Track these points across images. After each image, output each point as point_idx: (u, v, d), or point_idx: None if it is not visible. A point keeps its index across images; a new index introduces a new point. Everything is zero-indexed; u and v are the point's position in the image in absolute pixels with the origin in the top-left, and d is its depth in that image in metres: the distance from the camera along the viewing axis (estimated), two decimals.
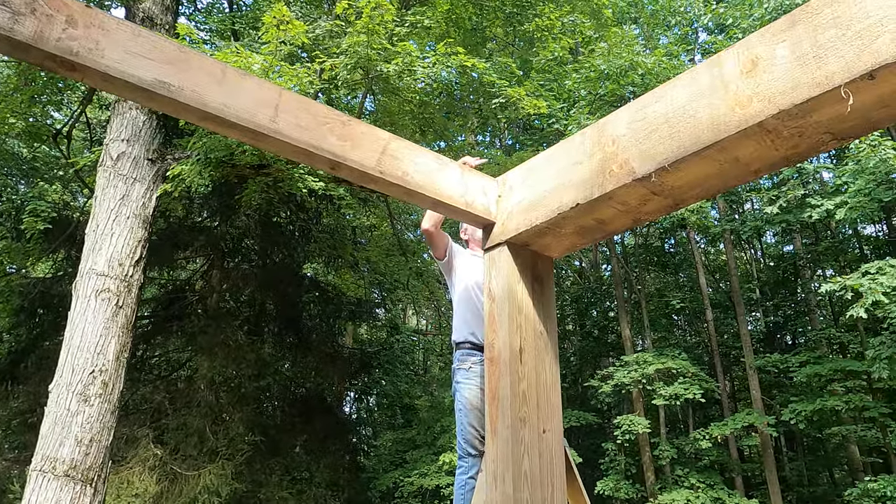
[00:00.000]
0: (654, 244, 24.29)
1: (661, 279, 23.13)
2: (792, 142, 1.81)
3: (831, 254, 18.47)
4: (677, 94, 1.97)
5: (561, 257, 3.08)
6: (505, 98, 7.98)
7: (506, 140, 22.39)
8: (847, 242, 20.50)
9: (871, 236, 22.23)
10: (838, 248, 19.16)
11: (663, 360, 13.68)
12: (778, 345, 22.28)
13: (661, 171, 1.95)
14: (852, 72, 1.56)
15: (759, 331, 24.07)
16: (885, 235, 21.04)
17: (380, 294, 16.25)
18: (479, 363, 3.04)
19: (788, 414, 12.86)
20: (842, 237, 19.91)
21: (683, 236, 22.91)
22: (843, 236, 19.84)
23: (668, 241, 25.41)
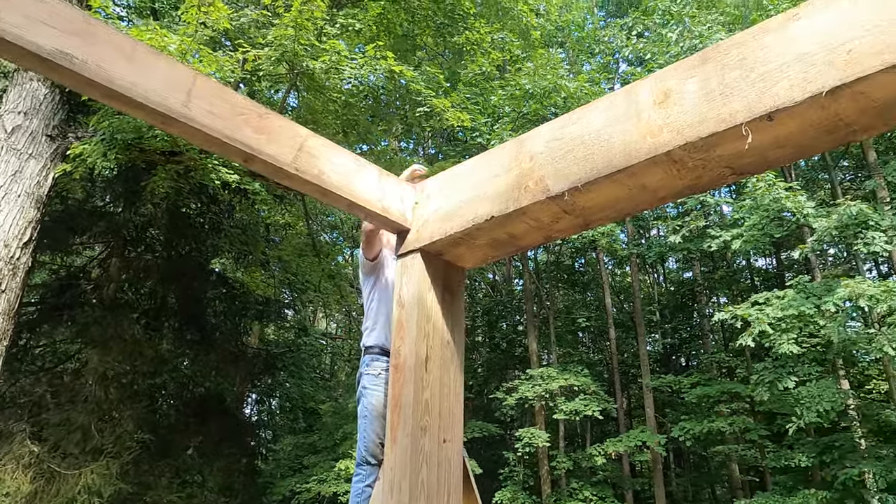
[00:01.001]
0: (566, 262, 25.00)
1: (569, 297, 23.83)
2: (696, 173, 1.88)
3: (726, 282, 19.65)
4: (594, 117, 2.02)
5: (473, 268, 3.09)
6: (430, 108, 8.01)
7: (429, 149, 22.48)
8: (740, 273, 21.86)
9: (762, 268, 23.79)
10: (732, 278, 20.42)
11: (566, 376, 14.08)
12: (673, 366, 23.41)
13: (573, 191, 1.99)
14: (753, 112, 1.65)
15: (657, 351, 25.21)
16: (773, 268, 22.55)
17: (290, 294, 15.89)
18: (386, 370, 3.00)
19: (678, 432, 13.52)
20: (736, 267, 21.20)
21: (593, 256, 23.72)
22: (737, 266, 21.14)
23: (578, 261, 26.22)
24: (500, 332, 23.81)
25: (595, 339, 26.25)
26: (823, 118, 1.61)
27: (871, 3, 1.52)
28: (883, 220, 10.05)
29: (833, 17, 1.58)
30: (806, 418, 10.25)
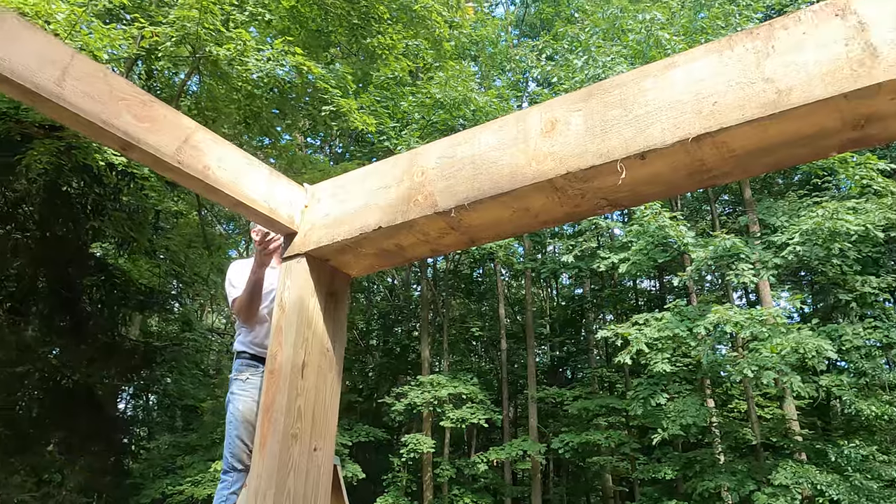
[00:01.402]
0: (464, 271, 25.38)
1: (465, 306, 24.20)
2: (575, 201, 1.97)
3: (612, 301, 20.64)
4: (486, 138, 2.08)
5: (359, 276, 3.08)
6: (336, 107, 7.92)
7: (336, 148, 22.20)
8: (627, 293, 23.05)
9: (647, 290, 25.19)
10: (618, 297, 21.47)
11: (456, 384, 14.28)
12: (560, 378, 24.28)
13: (460, 209, 2.03)
14: (629, 150, 1.75)
15: (545, 364, 26.08)
16: (657, 290, 23.93)
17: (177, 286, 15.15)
18: (256, 375, 2.93)
19: (557, 443, 14.03)
20: (622, 287, 22.31)
21: (491, 268, 24.24)
22: (623, 287, 22.24)
23: (477, 271, 26.70)
24: (395, 337, 23.83)
25: (488, 348, 26.79)
26: (689, 162, 1.73)
27: (736, 62, 1.65)
28: (752, 255, 10.94)
29: (705, 69, 1.70)
30: (670, 430, 10.93)
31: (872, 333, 10.92)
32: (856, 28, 1.51)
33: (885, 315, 11.52)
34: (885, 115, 1.54)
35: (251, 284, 2.90)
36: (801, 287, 22.56)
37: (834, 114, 1.54)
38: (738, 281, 10.57)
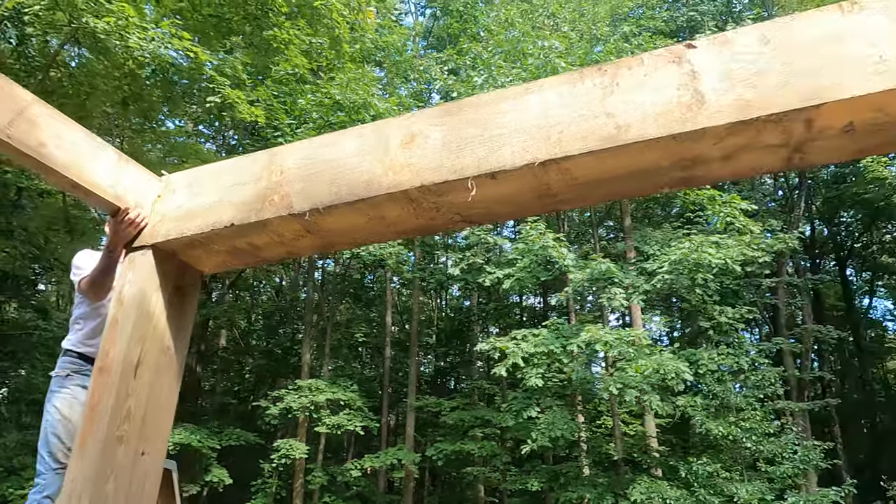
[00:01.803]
0: (355, 276, 25.12)
1: (352, 311, 23.96)
2: (430, 214, 1.99)
3: (497, 315, 21.16)
4: (347, 144, 2.06)
5: (211, 274, 2.96)
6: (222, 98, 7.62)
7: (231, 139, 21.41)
8: (512, 308, 23.69)
9: (532, 306, 26.02)
10: (503, 311, 22.04)
11: (335, 389, 14.06)
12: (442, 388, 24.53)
13: (315, 212, 2.00)
14: (481, 168, 1.79)
15: (430, 373, 26.27)
16: (540, 307, 24.77)
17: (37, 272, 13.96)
18: (78, 373, 2.75)
19: (432, 451, 14.14)
20: (508, 303, 22.91)
21: (382, 274, 24.16)
22: (508, 302, 22.84)
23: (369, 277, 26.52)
24: (277, 339, 23.18)
25: (373, 355, 26.64)
26: (536, 185, 1.79)
27: (584, 95, 1.73)
28: (625, 279, 11.59)
29: (557, 98, 1.77)
30: (539, 442, 11.32)
31: (725, 359, 11.88)
32: (689, 76, 1.63)
33: (737, 343, 12.58)
34: (709, 159, 1.67)
35: (106, 259, 2.66)
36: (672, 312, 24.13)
37: (665, 153, 1.65)
38: (610, 303, 11.17)
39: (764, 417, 12.05)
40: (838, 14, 1.53)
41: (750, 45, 1.59)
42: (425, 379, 24.52)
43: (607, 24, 14.90)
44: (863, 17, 1.50)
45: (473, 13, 17.49)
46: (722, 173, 1.73)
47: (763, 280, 19.20)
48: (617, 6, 15.60)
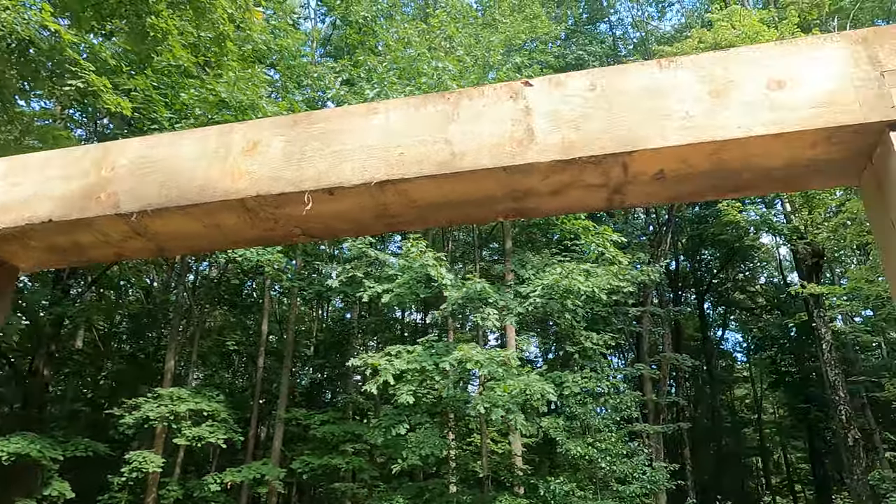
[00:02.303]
0: (232, 281, 24.18)
1: (227, 317, 23.00)
2: (268, 225, 1.95)
3: (377, 328, 21.08)
4: (186, 145, 1.98)
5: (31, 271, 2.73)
6: (85, 83, 7.12)
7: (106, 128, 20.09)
8: (393, 323, 23.68)
9: (412, 321, 26.12)
10: (384, 326, 21.98)
11: (198, 399, 13.38)
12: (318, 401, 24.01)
13: (142, 214, 1.90)
14: (319, 183, 1.77)
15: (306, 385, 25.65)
16: (422, 323, 24.93)
17: None
18: None
19: (298, 464, 13.77)
20: (390, 317, 22.88)
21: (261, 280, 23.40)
22: (390, 317, 22.82)
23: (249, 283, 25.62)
24: (142, 343, 21.80)
25: (248, 364, 25.68)
26: (374, 204, 1.80)
27: (426, 119, 1.77)
28: (500, 301, 11.94)
29: (401, 121, 1.80)
30: (409, 461, 11.34)
31: (588, 382, 12.48)
32: (523, 112, 1.70)
33: (600, 367, 13.28)
34: (539, 193, 1.75)
35: None
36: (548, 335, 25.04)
37: (498, 183, 1.71)
38: (483, 323, 11.46)
39: (619, 439, 12.75)
40: (657, 69, 1.66)
41: (579, 89, 1.69)
42: (301, 391, 23.92)
43: (501, 52, 15.43)
44: (676, 75, 1.63)
45: (373, 27, 17.53)
46: (552, 207, 1.81)
47: (630, 308, 20.38)
48: (512, 37, 16.21)
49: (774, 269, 37.60)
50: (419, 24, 15.89)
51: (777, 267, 36.71)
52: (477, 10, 21.75)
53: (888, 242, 1.54)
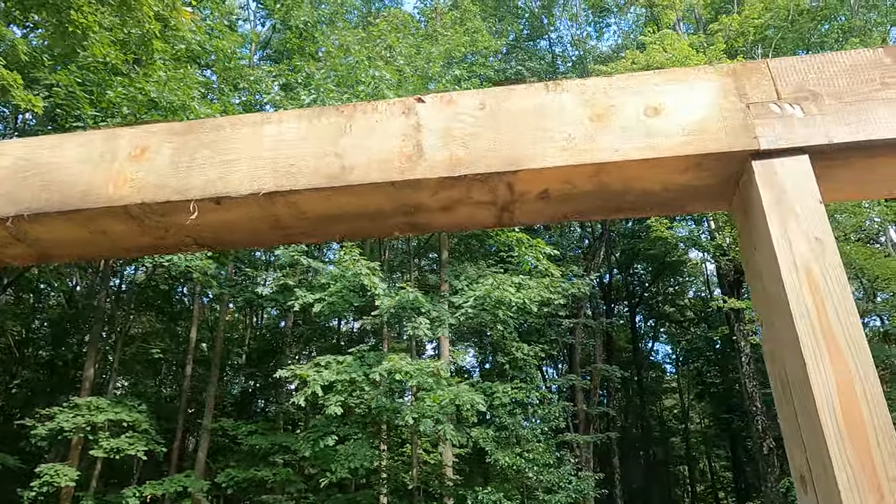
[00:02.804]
0: (161, 286, 23.38)
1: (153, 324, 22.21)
2: (158, 233, 1.90)
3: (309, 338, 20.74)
4: (72, 149, 1.92)
5: None
6: None
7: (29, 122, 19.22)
8: (329, 332, 23.37)
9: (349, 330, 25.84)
10: (320, 334, 21.66)
11: (118, 409, 12.84)
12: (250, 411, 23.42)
13: (19, 219, 1.83)
14: (206, 192, 1.74)
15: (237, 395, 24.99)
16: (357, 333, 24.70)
17: None
18: None
19: (223, 478, 13.38)
20: (325, 327, 22.58)
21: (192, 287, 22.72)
22: (325, 326, 22.52)
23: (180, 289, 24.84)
24: (62, 350, 20.79)
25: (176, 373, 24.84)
26: (265, 215, 1.78)
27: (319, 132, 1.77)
28: (433, 311, 11.96)
29: (293, 132, 1.79)
30: (339, 473, 11.19)
31: (518, 393, 12.63)
32: (414, 127, 1.72)
33: (530, 378, 13.47)
34: (430, 208, 1.77)
35: None
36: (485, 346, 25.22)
37: (387, 198, 1.72)
38: (414, 332, 11.46)
39: (546, 449, 12.94)
40: (544, 91, 1.71)
41: (470, 108, 1.72)
42: (232, 401, 23.28)
43: (441, 64, 15.54)
44: (561, 98, 1.68)
45: (314, 33, 17.37)
46: (443, 222, 1.83)
47: (563, 320, 20.77)
48: (452, 49, 16.37)
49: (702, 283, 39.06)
50: (359, 32, 15.84)
51: (704, 282, 38.16)
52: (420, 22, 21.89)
53: (750, 266, 1.62)
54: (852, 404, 1.29)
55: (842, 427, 1.27)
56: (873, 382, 1.30)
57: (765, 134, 1.59)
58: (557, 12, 27.72)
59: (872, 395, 1.29)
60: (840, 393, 1.29)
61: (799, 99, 1.63)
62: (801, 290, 1.43)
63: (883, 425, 1.26)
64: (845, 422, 1.28)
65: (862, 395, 1.29)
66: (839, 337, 1.37)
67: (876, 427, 1.26)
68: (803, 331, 1.38)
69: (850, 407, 1.28)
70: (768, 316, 1.54)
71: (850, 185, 1.71)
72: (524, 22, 27.70)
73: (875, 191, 1.73)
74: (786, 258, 1.46)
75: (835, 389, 1.30)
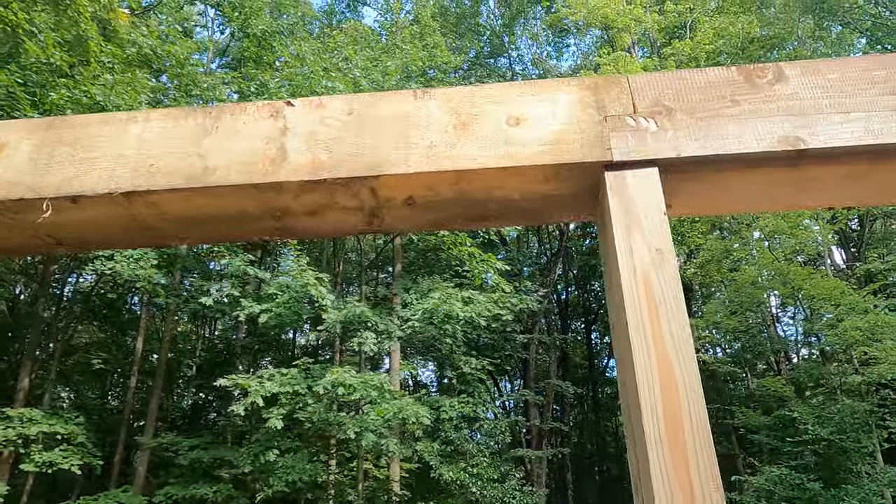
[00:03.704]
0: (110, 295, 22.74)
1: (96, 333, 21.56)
2: (15, 231, 1.84)
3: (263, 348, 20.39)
4: None
5: None
6: None
7: None
8: (282, 344, 23.01)
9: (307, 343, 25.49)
10: (274, 346, 21.32)
11: (53, 421, 12.38)
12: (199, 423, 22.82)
13: None
14: (61, 191, 1.69)
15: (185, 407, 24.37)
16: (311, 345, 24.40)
17: None
18: None
19: (161, 496, 12.99)
20: (279, 337, 22.24)
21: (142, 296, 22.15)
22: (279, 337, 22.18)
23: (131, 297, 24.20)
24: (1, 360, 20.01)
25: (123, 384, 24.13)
26: (125, 215, 1.74)
27: (184, 132, 1.74)
28: (380, 324, 11.89)
29: (158, 131, 1.75)
30: (276, 487, 10.96)
31: (465, 407, 12.60)
32: (280, 131, 1.70)
33: (477, 392, 13.46)
34: (297, 212, 1.75)
35: None
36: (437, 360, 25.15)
37: (252, 201, 1.69)
38: (360, 347, 11.36)
39: (490, 464, 12.92)
40: (412, 99, 1.71)
41: (338, 112, 1.71)
42: (180, 413, 22.67)
43: (397, 77, 15.59)
44: (428, 106, 1.69)
45: (272, 42, 17.25)
46: (312, 228, 1.81)
47: (517, 335, 20.87)
48: (409, 63, 16.43)
49: None
50: (315, 42, 15.80)
51: None
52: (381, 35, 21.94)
53: (608, 276, 1.64)
54: (675, 415, 1.30)
55: (663, 436, 1.29)
56: (698, 395, 1.32)
57: (618, 146, 1.61)
58: (518, 31, 28.12)
59: (696, 408, 1.31)
60: (664, 402, 1.31)
61: (654, 113, 1.66)
62: (638, 299, 1.44)
63: (702, 438, 1.28)
64: (667, 432, 1.30)
65: (686, 407, 1.31)
66: (669, 347, 1.39)
67: (695, 440, 1.28)
68: (636, 339, 1.39)
69: (672, 417, 1.30)
70: (614, 325, 1.56)
71: (704, 199, 1.74)
72: (485, 39, 28.02)
73: (730, 205, 1.77)
74: (627, 267, 1.48)
75: (659, 399, 1.32)
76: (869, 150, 1.61)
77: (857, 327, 11.52)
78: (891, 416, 12.48)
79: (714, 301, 16.26)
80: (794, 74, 1.71)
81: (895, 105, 1.66)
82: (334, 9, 25.37)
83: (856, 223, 26.42)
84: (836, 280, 13.23)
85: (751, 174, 1.68)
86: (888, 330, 11.64)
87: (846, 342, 12.10)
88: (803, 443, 12.48)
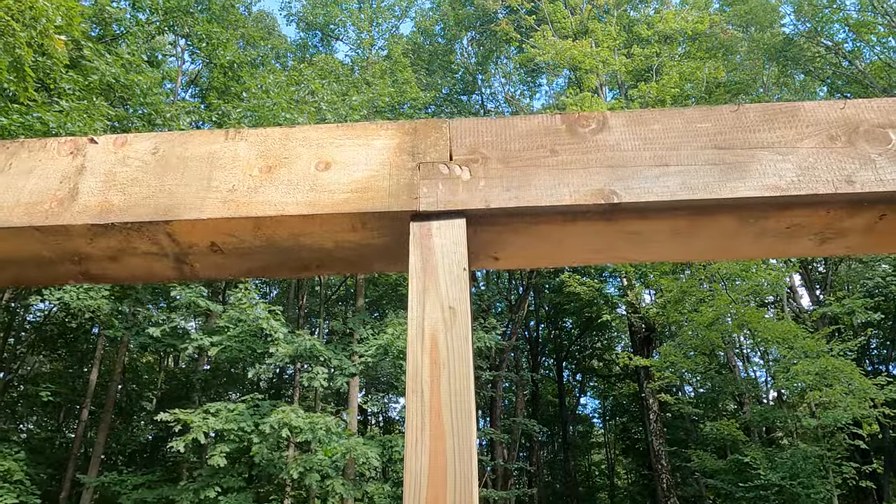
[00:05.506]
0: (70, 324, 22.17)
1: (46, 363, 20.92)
2: None
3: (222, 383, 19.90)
4: None
5: None
6: None
7: None
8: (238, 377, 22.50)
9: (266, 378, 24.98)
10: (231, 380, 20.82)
11: None
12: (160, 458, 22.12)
13: None
14: None
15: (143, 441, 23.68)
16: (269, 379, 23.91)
17: None
18: None
19: None
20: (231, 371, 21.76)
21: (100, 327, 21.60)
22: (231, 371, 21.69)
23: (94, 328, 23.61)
24: None
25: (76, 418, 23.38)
26: None
27: None
28: (333, 359, 11.64)
29: None
30: None
31: None
32: (77, 170, 1.58)
33: None
34: (98, 258, 1.61)
35: None
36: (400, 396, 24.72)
37: (41, 244, 1.56)
38: (311, 383, 11.09)
39: None
40: (223, 139, 1.60)
41: (142, 151, 1.60)
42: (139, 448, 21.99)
43: (364, 111, 15.61)
44: (237, 147, 1.58)
45: (240, 73, 17.25)
46: (118, 273, 1.68)
47: (483, 372, 20.64)
48: (375, 98, 16.49)
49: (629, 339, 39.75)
50: (280, 74, 15.82)
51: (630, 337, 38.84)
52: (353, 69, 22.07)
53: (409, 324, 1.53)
54: (438, 486, 1.19)
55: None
56: (467, 462, 1.21)
57: (427, 195, 1.51)
58: (493, 69, 28.49)
59: (463, 476, 1.20)
60: (430, 473, 1.20)
61: (469, 161, 1.57)
62: (421, 362, 1.33)
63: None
64: (427, 499, 1.19)
65: (452, 476, 1.20)
66: (445, 413, 1.28)
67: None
68: (412, 404, 1.28)
69: (435, 488, 1.19)
70: None
71: (529, 251, 1.65)
72: (459, 77, 28.33)
73: (558, 257, 1.67)
74: (416, 327, 1.37)
75: (426, 468, 1.20)
76: (686, 206, 1.53)
77: (807, 371, 11.51)
78: (846, 462, 12.42)
79: (669, 343, 16.26)
80: (619, 124, 1.63)
81: (716, 159, 1.58)
82: (307, 43, 25.54)
83: (823, 266, 26.79)
84: (790, 323, 13.30)
85: (571, 226, 1.58)
86: (840, 374, 11.65)
87: (799, 386, 12.07)
88: (755, 488, 12.34)
